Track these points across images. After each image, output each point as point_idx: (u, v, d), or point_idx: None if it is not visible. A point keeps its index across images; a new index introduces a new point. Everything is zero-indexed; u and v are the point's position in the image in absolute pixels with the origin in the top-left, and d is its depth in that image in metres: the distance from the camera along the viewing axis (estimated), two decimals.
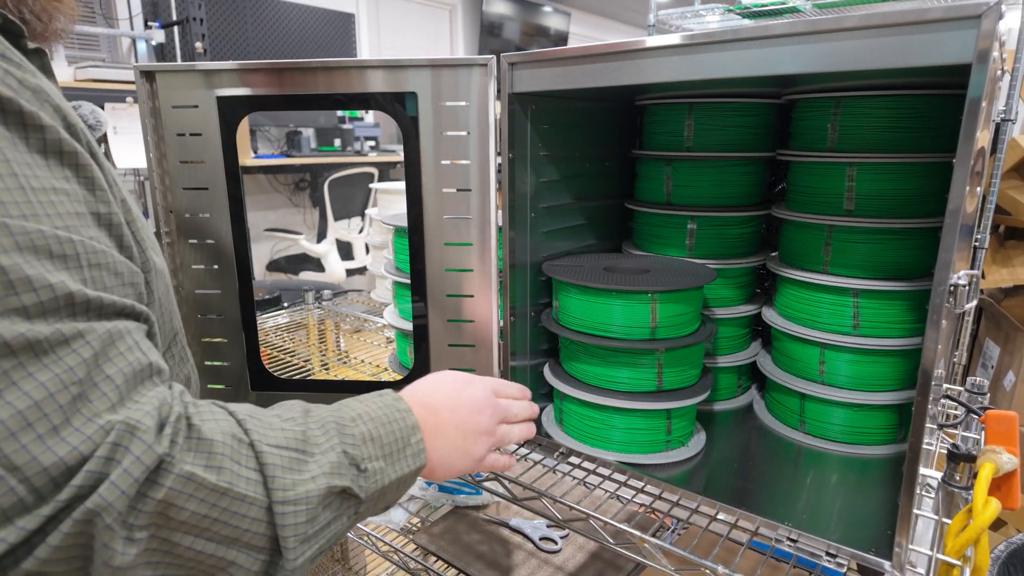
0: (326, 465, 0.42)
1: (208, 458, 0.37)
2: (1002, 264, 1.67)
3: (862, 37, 0.50)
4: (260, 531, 0.38)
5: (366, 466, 0.44)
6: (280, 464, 0.40)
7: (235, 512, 0.37)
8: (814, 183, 0.76)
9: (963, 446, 0.59)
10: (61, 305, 0.32)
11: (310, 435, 0.43)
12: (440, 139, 0.73)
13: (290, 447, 0.41)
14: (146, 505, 0.34)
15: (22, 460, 0.30)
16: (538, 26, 5.36)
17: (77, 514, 0.32)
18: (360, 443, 0.45)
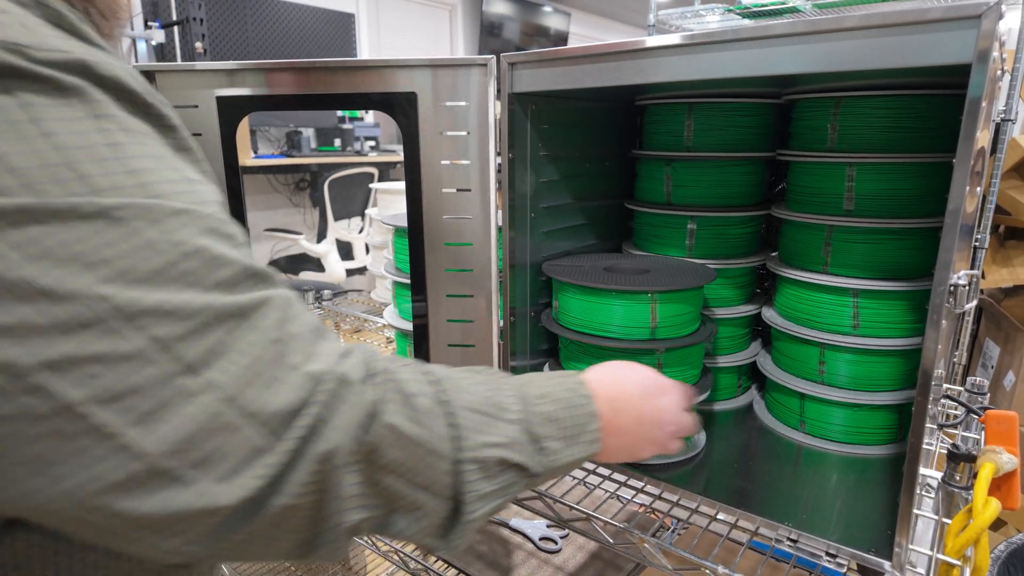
0: (507, 436, 0.45)
1: (410, 411, 0.40)
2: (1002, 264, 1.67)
3: (862, 37, 0.50)
4: (446, 482, 0.42)
5: (545, 444, 0.47)
6: (469, 424, 0.43)
7: (428, 463, 0.41)
8: (814, 183, 0.76)
9: (963, 446, 0.59)
10: (246, 277, 0.35)
11: (500, 401, 0.46)
12: (440, 139, 0.73)
13: (479, 410, 0.44)
14: (361, 448, 0.37)
15: (255, 407, 0.33)
16: (538, 26, 5.36)
17: (311, 455, 0.35)
18: (542, 422, 0.47)
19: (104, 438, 0.30)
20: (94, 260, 0.29)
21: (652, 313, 0.70)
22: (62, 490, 0.30)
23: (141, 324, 0.30)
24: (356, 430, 0.37)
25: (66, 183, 0.29)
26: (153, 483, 0.31)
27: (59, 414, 0.29)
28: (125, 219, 0.31)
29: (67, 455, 0.30)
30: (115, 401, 0.30)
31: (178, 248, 0.32)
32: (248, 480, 0.33)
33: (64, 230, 0.29)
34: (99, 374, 0.29)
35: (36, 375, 0.28)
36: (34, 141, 0.29)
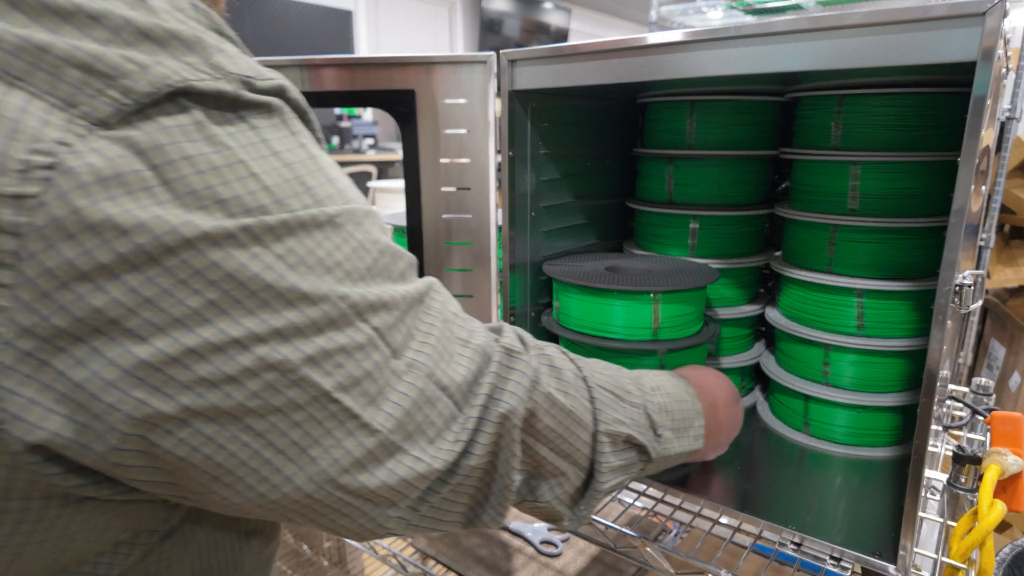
0: (631, 417, 0.49)
1: (559, 383, 0.45)
2: (1007, 264, 1.66)
3: (865, 34, 0.49)
4: (585, 452, 0.46)
5: (661, 432, 0.51)
6: (604, 400, 0.47)
7: (573, 432, 0.45)
8: (818, 182, 0.75)
9: (968, 448, 0.58)
10: (410, 265, 0.39)
11: (623, 385, 0.50)
12: (439, 137, 0.72)
13: (609, 389, 0.48)
14: (527, 410, 0.42)
15: (447, 381, 0.38)
16: (538, 23, 5.36)
17: (492, 416, 0.40)
18: (658, 411, 0.52)
19: (349, 419, 0.34)
20: (331, 264, 0.33)
21: (655, 314, 0.70)
22: (315, 472, 0.33)
23: (366, 317, 0.34)
24: (525, 392, 0.42)
25: (301, 196, 0.32)
26: (384, 456, 0.35)
27: (316, 401, 0.32)
28: (342, 224, 0.34)
29: (319, 437, 0.33)
30: (355, 386, 0.34)
31: (376, 246, 0.36)
32: (449, 444, 0.38)
33: (308, 239, 0.32)
34: (343, 363, 0.33)
35: (301, 370, 0.32)
36: (271, 160, 0.32)
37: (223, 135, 0.30)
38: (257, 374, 0.30)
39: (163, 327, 0.28)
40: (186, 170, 0.29)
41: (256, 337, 0.30)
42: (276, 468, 0.33)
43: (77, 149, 0.26)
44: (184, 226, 0.28)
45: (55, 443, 0.28)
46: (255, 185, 0.31)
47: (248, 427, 0.31)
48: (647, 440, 0.50)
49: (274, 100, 0.33)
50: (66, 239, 0.26)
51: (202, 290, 0.29)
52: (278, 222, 0.31)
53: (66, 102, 0.27)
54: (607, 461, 0.47)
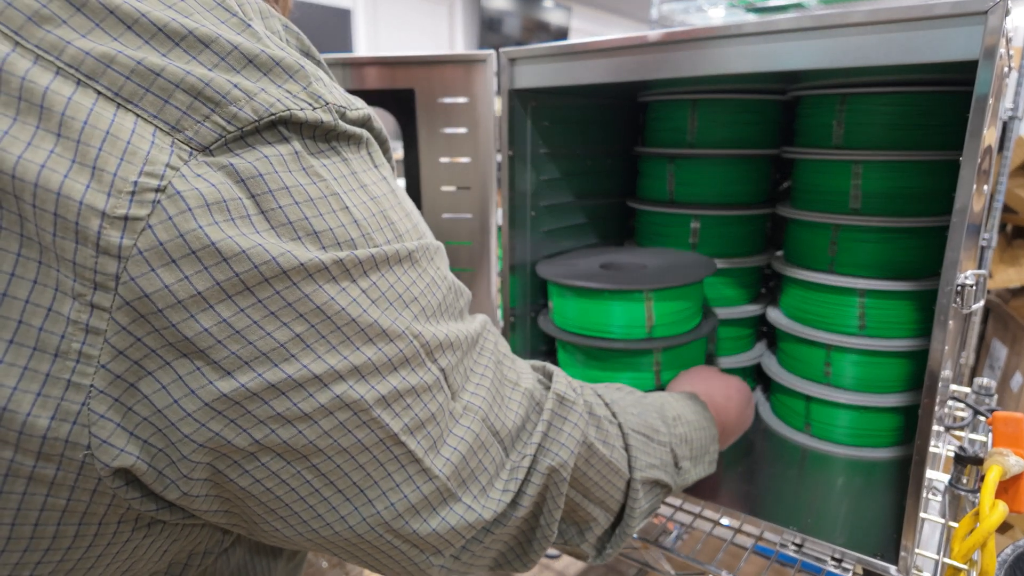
0: (660, 458, 0.49)
1: (599, 431, 0.44)
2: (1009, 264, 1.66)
3: (867, 33, 0.49)
4: (618, 498, 0.46)
5: (681, 464, 0.51)
6: (637, 447, 0.47)
7: (609, 480, 0.44)
8: (820, 181, 0.75)
9: (970, 448, 0.58)
10: (468, 303, 0.39)
11: (653, 424, 0.49)
12: (439, 137, 0.72)
13: (641, 432, 0.48)
14: (572, 466, 0.41)
15: (498, 426, 0.37)
16: (538, 21, 5.35)
17: (541, 468, 0.39)
18: (680, 443, 0.51)
19: (411, 463, 0.33)
20: (408, 300, 0.32)
21: (648, 312, 0.69)
22: (370, 514, 0.33)
23: (435, 356, 0.34)
24: (576, 445, 0.41)
25: (384, 231, 0.32)
26: (438, 503, 0.34)
27: (382, 443, 0.32)
28: (418, 260, 0.34)
29: (379, 480, 0.32)
30: (420, 429, 0.33)
31: (444, 283, 0.36)
32: (499, 494, 0.37)
33: (390, 274, 0.32)
34: (412, 405, 0.32)
35: (373, 410, 0.31)
36: (360, 193, 0.32)
37: (318, 166, 0.30)
38: (331, 413, 0.30)
39: (249, 361, 0.28)
40: (283, 200, 0.28)
41: (335, 375, 0.30)
42: (333, 507, 0.32)
43: (183, 173, 0.26)
44: (281, 256, 0.28)
45: (137, 468, 0.28)
46: (346, 219, 0.30)
47: (313, 467, 0.31)
48: (670, 478, 0.50)
49: (360, 132, 0.33)
50: (167, 264, 0.26)
51: (290, 323, 0.28)
52: (366, 257, 0.30)
53: (172, 126, 0.27)
54: (639, 505, 0.47)
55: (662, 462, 0.49)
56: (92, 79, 0.26)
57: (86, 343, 0.26)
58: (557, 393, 0.42)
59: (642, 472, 0.46)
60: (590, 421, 0.44)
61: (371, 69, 0.71)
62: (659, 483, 0.49)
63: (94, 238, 0.25)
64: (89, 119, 0.25)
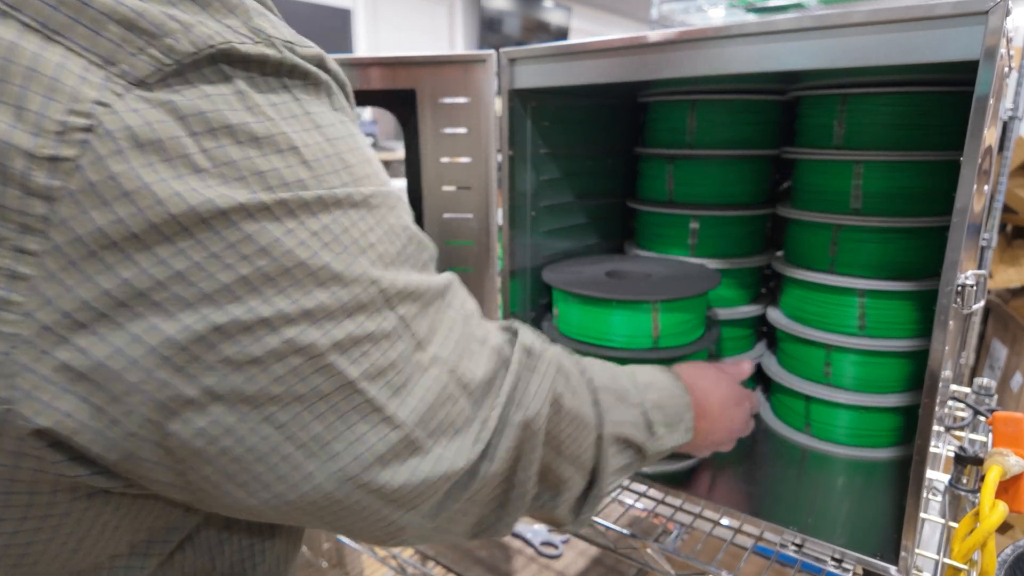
0: (631, 417, 0.48)
1: (567, 384, 0.43)
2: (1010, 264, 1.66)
3: (868, 33, 0.49)
4: (590, 455, 0.45)
5: (655, 429, 0.51)
6: (607, 402, 0.46)
7: (580, 434, 0.44)
8: (820, 181, 0.74)
9: (970, 448, 0.58)
10: (433, 256, 0.38)
11: (623, 385, 0.49)
12: (440, 137, 0.72)
13: (611, 389, 0.47)
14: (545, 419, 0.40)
15: (467, 379, 0.36)
16: (539, 21, 5.35)
17: (515, 421, 0.38)
18: (652, 408, 0.51)
19: (373, 411, 0.32)
20: (364, 245, 0.32)
21: (654, 322, 0.69)
22: (336, 468, 0.32)
23: (393, 304, 0.33)
24: (547, 395, 0.40)
25: (339, 174, 0.31)
26: (406, 453, 0.33)
27: (340, 391, 0.31)
28: (377, 206, 0.33)
29: (342, 431, 0.31)
30: (380, 376, 0.32)
31: (406, 232, 0.35)
32: (470, 446, 0.36)
33: (344, 217, 0.31)
34: (370, 352, 0.31)
35: (328, 355, 0.30)
36: (313, 133, 0.31)
37: (266, 105, 0.29)
38: (284, 357, 0.29)
39: (192, 303, 0.27)
40: (226, 140, 0.27)
41: (286, 318, 0.29)
42: (296, 464, 0.31)
43: (116, 109, 0.25)
44: (220, 198, 0.27)
45: (65, 426, 0.26)
46: (295, 159, 0.29)
47: (270, 417, 0.30)
48: (644, 439, 0.49)
49: (316, 71, 0.32)
50: (99, 206, 0.25)
51: (234, 264, 0.27)
52: (315, 198, 0.30)
53: (105, 59, 0.25)
54: (609, 463, 0.46)
55: (634, 422, 0.48)
56: (15, 9, 0.24)
57: (11, 290, 0.25)
58: (524, 345, 0.41)
59: (612, 428, 0.46)
60: (558, 373, 0.43)
61: (373, 69, 0.71)
62: (631, 442, 0.48)
63: (19, 179, 0.24)
64: (10, 53, 0.24)
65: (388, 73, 0.71)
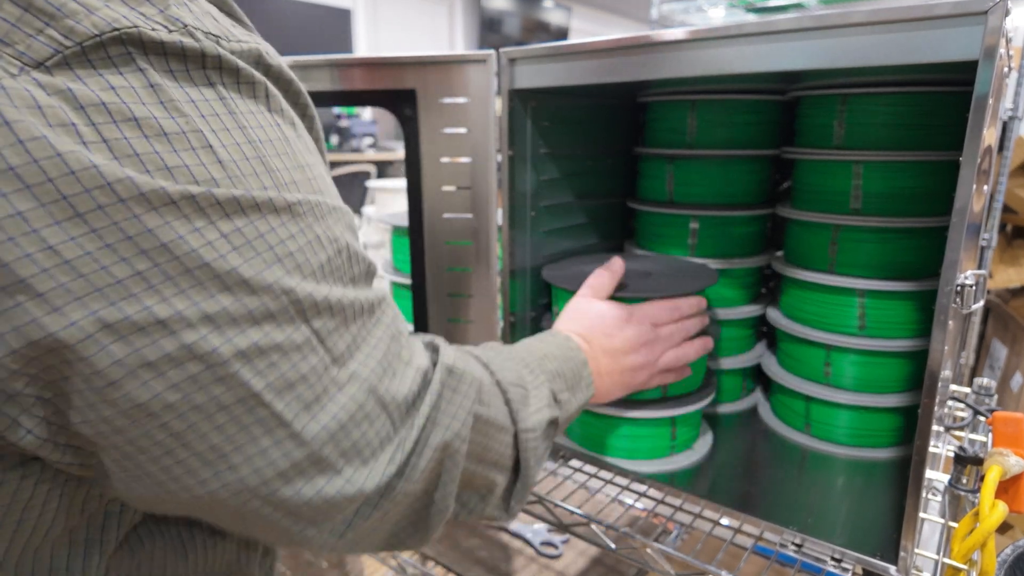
0: (542, 399, 0.49)
1: (480, 395, 0.43)
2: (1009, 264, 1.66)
3: (867, 33, 0.49)
4: (509, 454, 0.45)
5: (560, 397, 0.52)
6: (517, 399, 0.46)
7: (497, 439, 0.44)
8: (820, 181, 0.75)
9: (970, 448, 0.58)
10: (368, 273, 0.37)
11: (524, 373, 0.49)
12: (440, 137, 0.72)
13: (518, 383, 0.48)
14: (467, 434, 0.40)
15: (388, 398, 0.35)
16: (538, 21, 5.35)
17: (433, 443, 0.38)
18: (553, 378, 0.52)
19: (278, 426, 0.31)
20: (281, 253, 0.30)
21: None
22: (233, 479, 0.31)
23: (308, 316, 0.32)
24: (467, 416, 0.40)
25: (260, 177, 0.30)
26: (313, 471, 0.32)
27: (243, 403, 0.30)
28: (302, 215, 0.32)
29: (244, 444, 0.30)
30: (288, 390, 0.31)
31: (334, 245, 0.34)
32: (384, 466, 0.35)
33: (261, 222, 0.30)
34: (277, 363, 0.30)
35: (230, 365, 0.29)
36: (235, 133, 0.29)
37: (182, 101, 0.28)
38: (181, 363, 0.27)
39: (81, 296, 0.25)
40: (130, 132, 0.26)
41: (185, 321, 0.27)
42: (190, 469, 0.30)
43: (4, 87, 0.24)
44: (119, 183, 0.25)
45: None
46: (208, 158, 0.28)
47: (164, 425, 0.28)
48: (554, 413, 0.50)
49: (248, 68, 0.31)
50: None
51: (131, 259, 0.26)
52: (228, 198, 0.28)
53: (0, 39, 0.24)
54: (535, 454, 0.47)
55: (543, 404, 0.49)
56: None
57: None
58: (446, 365, 0.40)
59: (526, 422, 0.46)
60: (478, 389, 0.43)
61: (376, 69, 0.71)
62: (547, 422, 0.49)
63: None
64: None
65: (388, 73, 0.71)
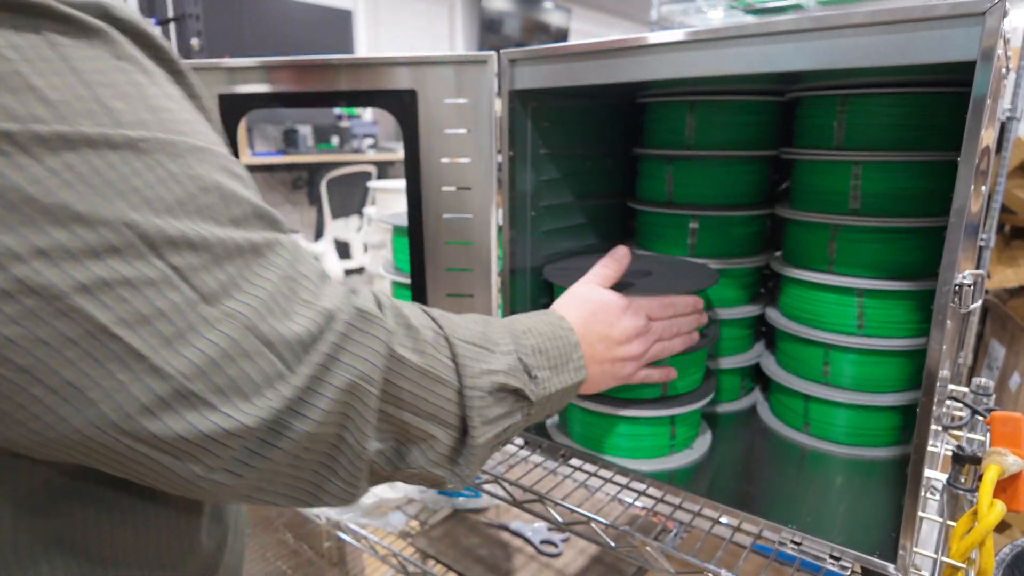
0: (503, 364, 0.48)
1: (415, 343, 0.42)
2: (1008, 264, 1.67)
3: (866, 34, 0.49)
4: (452, 410, 0.45)
5: (536, 373, 0.51)
6: (468, 355, 0.46)
7: (434, 392, 0.43)
8: (819, 182, 0.75)
9: (968, 448, 0.58)
10: (257, 217, 0.37)
11: (491, 336, 0.49)
12: (440, 137, 0.72)
13: (475, 343, 0.47)
14: (380, 377, 0.40)
15: (273, 337, 0.35)
16: (538, 22, 5.35)
17: (335, 383, 0.37)
18: (531, 353, 0.51)
19: (134, 360, 0.31)
20: (123, 188, 0.30)
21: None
22: (95, 415, 0.31)
23: (163, 252, 0.31)
24: (381, 360, 0.39)
25: (96, 115, 0.30)
26: (181, 405, 0.32)
27: (92, 336, 0.30)
28: (149, 151, 0.32)
29: (100, 378, 0.30)
30: (143, 324, 0.31)
31: (196, 182, 0.33)
32: (268, 402, 0.34)
33: (96, 157, 0.30)
34: (128, 298, 0.30)
35: (70, 298, 0.29)
36: (65, 76, 0.30)
37: (4, 46, 0.28)
38: (14, 297, 0.28)
39: None
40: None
41: (12, 254, 0.28)
42: (48, 407, 0.30)
43: None
44: None
45: None
46: (31, 97, 0.28)
47: (8, 360, 0.29)
48: (522, 383, 0.49)
49: (88, 19, 0.31)
50: None
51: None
52: (53, 134, 0.28)
53: None
54: (480, 414, 0.46)
55: (506, 369, 0.48)
56: None
57: None
58: (356, 307, 0.39)
59: (476, 379, 0.45)
60: (407, 333, 0.42)
61: (377, 69, 0.71)
62: (506, 388, 0.48)
63: None
64: None
65: (389, 74, 0.71)
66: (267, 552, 1.30)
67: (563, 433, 0.78)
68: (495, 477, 0.72)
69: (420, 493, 1.03)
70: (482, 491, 0.73)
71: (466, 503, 1.01)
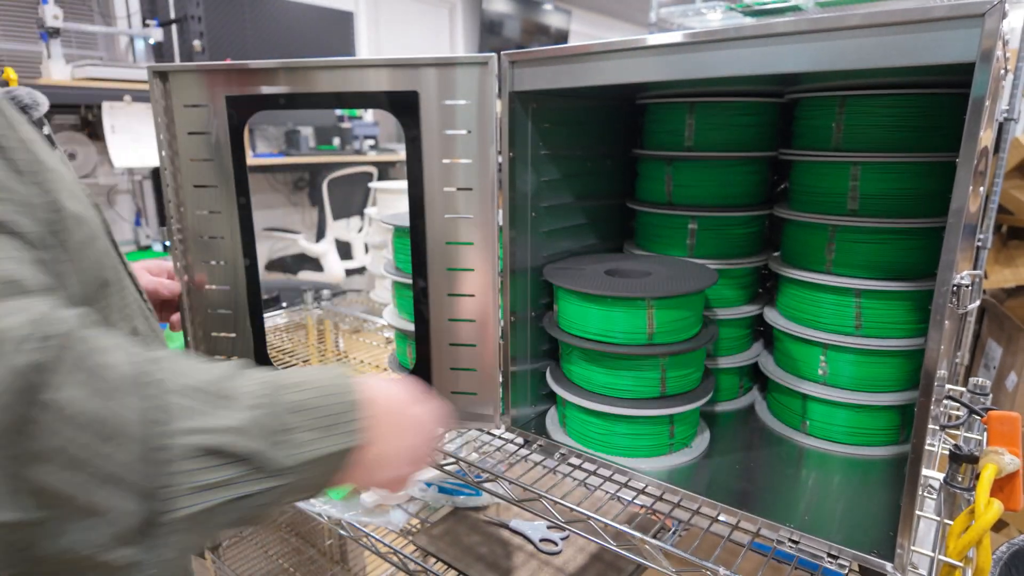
0: (235, 421, 0.39)
1: (93, 384, 0.34)
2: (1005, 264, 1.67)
3: (865, 36, 0.49)
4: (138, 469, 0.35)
5: (291, 436, 0.42)
6: (180, 406, 0.37)
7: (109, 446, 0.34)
8: (817, 183, 0.75)
9: (965, 447, 0.58)
10: None
11: (234, 387, 0.41)
12: (441, 138, 0.72)
13: (201, 389, 0.39)
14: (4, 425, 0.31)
15: None
16: (539, 24, 5.35)
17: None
18: (288, 411, 0.42)
19: None
20: None
21: (649, 320, 0.70)
22: None
23: None
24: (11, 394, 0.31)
25: None
26: None
27: None
28: None
29: None
30: None
31: None
32: None
33: None
34: None
35: None
36: None
37: None
38: None
39: None
40: None
41: None
42: None
43: None
44: None
45: None
46: None
47: None
48: (259, 447, 0.39)
49: None
50: None
51: None
52: None
53: None
54: (179, 482, 0.36)
55: (239, 427, 0.39)
56: None
57: None
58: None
59: (179, 437, 0.36)
60: (74, 370, 0.34)
61: (377, 71, 0.72)
62: (227, 453, 0.38)
63: None
64: None
65: (390, 75, 0.71)
66: (269, 550, 1.30)
67: (562, 432, 0.78)
68: (495, 476, 0.72)
69: (421, 492, 1.03)
70: (482, 489, 0.73)
71: (466, 501, 1.01)
